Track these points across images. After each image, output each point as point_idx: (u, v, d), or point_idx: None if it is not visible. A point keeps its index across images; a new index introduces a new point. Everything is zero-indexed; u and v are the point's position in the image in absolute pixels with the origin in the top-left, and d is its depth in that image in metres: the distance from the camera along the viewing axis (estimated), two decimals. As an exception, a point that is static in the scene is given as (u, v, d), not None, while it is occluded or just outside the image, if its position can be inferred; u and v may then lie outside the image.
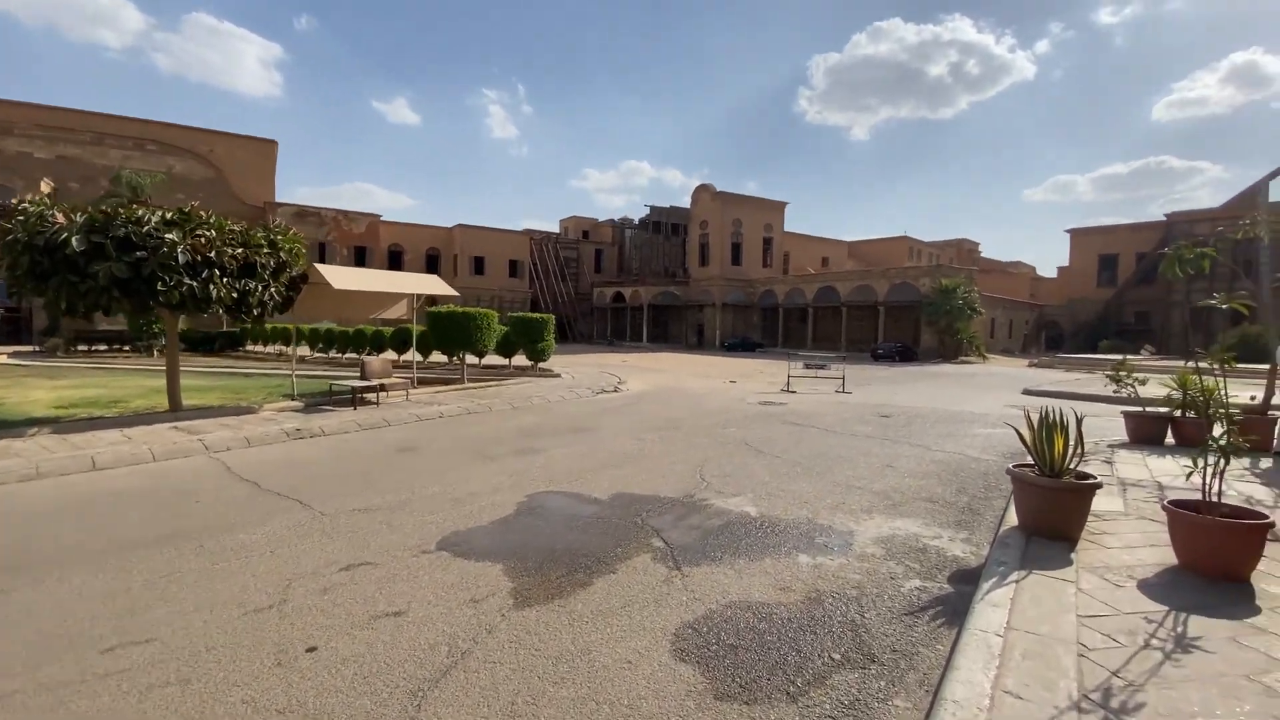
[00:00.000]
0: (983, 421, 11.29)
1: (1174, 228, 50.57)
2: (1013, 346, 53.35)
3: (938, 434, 9.61)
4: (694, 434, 9.10)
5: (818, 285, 46.46)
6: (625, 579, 3.84)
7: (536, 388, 13.86)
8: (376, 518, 5.03)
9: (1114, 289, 53.43)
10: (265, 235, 9.25)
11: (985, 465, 7.35)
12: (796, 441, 8.66)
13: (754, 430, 9.58)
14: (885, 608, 3.51)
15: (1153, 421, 8.31)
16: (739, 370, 26.05)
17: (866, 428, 10.10)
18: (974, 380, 23.14)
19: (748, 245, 53.41)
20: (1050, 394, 17.31)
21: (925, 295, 38.93)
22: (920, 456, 7.75)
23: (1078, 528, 4.26)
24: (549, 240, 61.32)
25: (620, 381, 16.43)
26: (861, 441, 8.75)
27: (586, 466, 6.85)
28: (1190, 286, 49.50)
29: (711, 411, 11.71)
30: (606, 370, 21.45)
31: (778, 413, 11.77)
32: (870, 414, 11.99)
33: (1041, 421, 4.48)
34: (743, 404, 13.20)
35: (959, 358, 37.67)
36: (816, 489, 6.08)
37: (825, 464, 7.22)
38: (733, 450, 7.93)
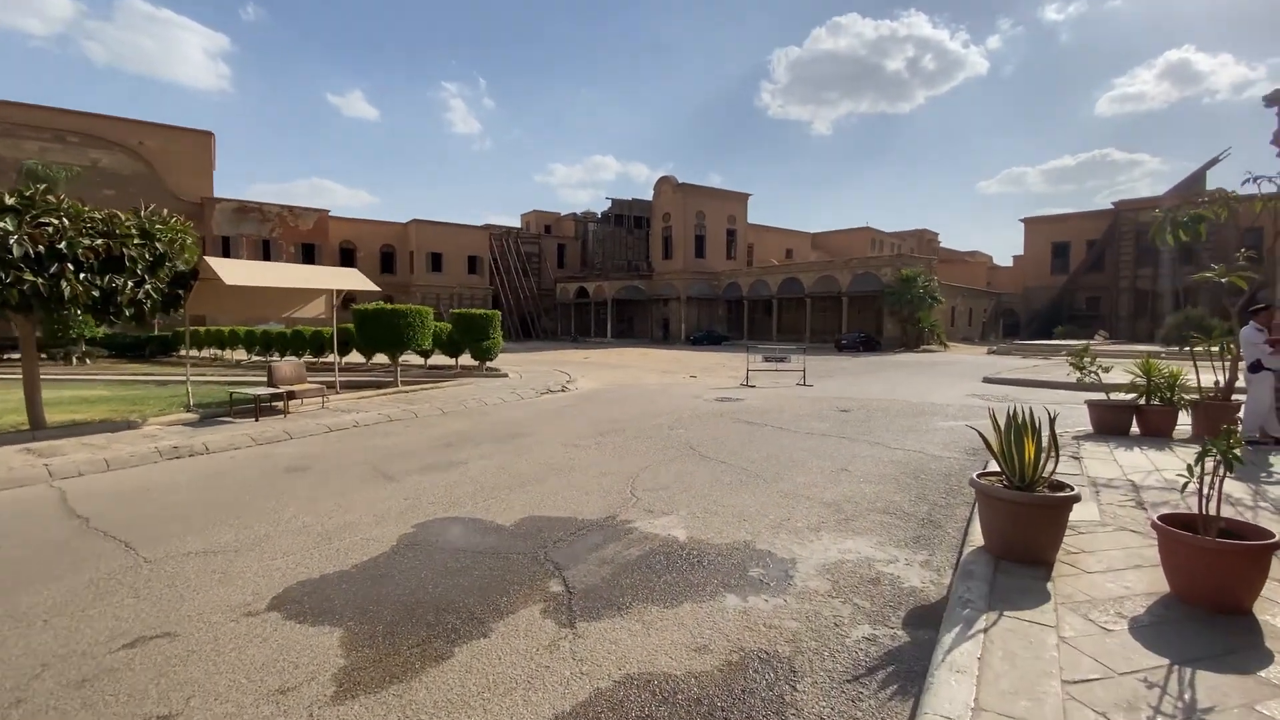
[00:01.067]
0: (944, 414, 10.78)
1: (1121, 216, 51.94)
2: (972, 334, 54.17)
3: (898, 429, 9.01)
4: (637, 438, 8.29)
5: (781, 277, 46.22)
6: (499, 645, 2.99)
7: (477, 389, 12.86)
8: (213, 563, 4.07)
9: (1066, 276, 54.67)
10: (137, 224, 8.05)
11: (947, 465, 6.73)
12: (747, 443, 7.92)
13: (704, 431, 8.82)
14: (824, 673, 2.74)
15: (1118, 411, 7.83)
16: (702, 364, 25.40)
17: (823, 424, 9.45)
18: (935, 369, 22.94)
19: (711, 237, 52.91)
20: (1010, 381, 17.09)
21: (887, 285, 38.98)
22: (878, 457, 7.09)
23: (1053, 549, 3.58)
24: (509, 235, 59.79)
25: (570, 380, 15.53)
26: (817, 441, 8.07)
27: (502, 483, 5.97)
28: (1137, 272, 51.02)
29: (662, 411, 10.93)
30: (560, 368, 20.51)
31: (733, 410, 11.06)
32: (829, 408, 11.38)
33: (1009, 423, 3.78)
34: (698, 401, 12.46)
35: (921, 346, 37.84)
36: (761, 501, 5.33)
37: (775, 469, 6.49)
38: (675, 456, 7.14)
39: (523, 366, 20.62)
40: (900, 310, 38.35)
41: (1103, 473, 5.76)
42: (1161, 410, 7.65)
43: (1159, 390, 7.76)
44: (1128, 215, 51.20)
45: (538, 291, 59.98)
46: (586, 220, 63.40)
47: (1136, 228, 50.69)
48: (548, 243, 63.16)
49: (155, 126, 46.22)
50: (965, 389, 15.60)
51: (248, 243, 47.20)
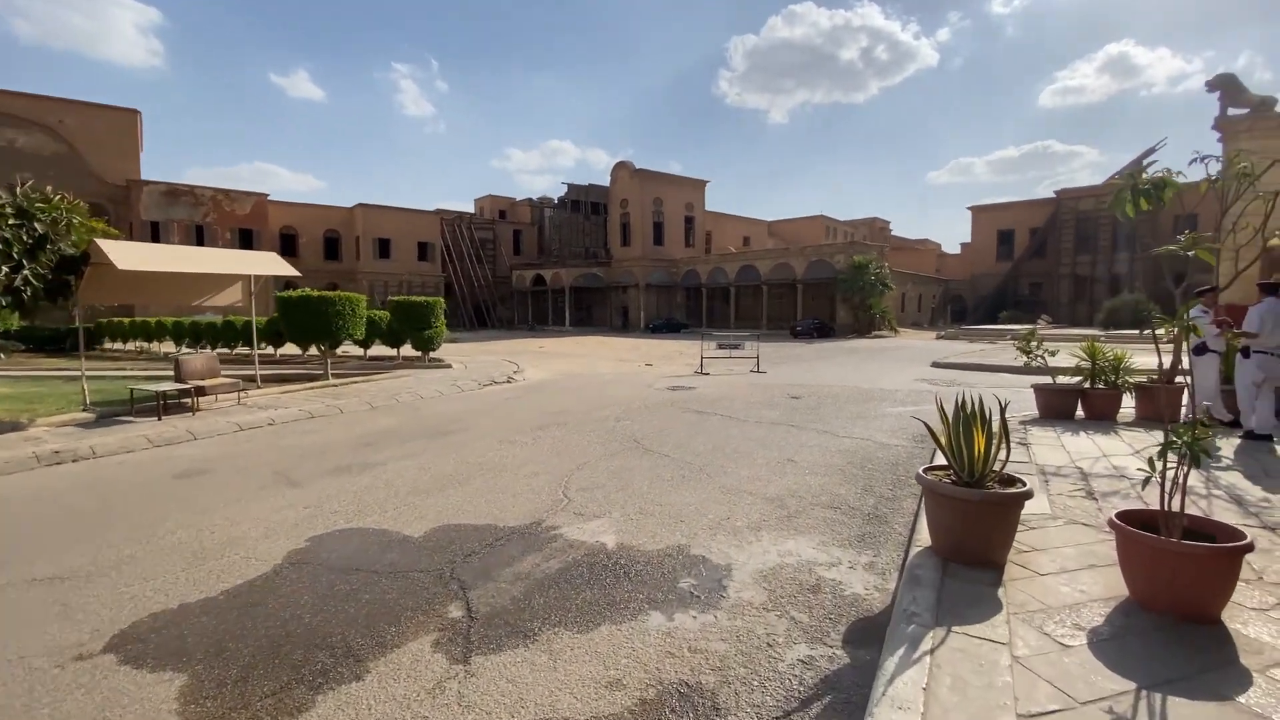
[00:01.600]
0: (893, 399, 10.69)
1: (1062, 204, 53.91)
2: (922, 319, 55.56)
3: (847, 416, 8.82)
4: (579, 431, 7.83)
5: (739, 264, 46.26)
6: (372, 690, 2.51)
7: (415, 382, 12.15)
8: (57, 592, 3.44)
9: (1011, 263, 56.54)
10: (11, 202, 7.09)
11: (894, 453, 6.52)
12: (693, 434, 7.57)
13: (650, 422, 8.43)
14: (752, 708, 2.37)
15: (1063, 395, 7.79)
16: (660, 352, 25.08)
17: (773, 413, 9.20)
18: (886, 354, 23.21)
19: (669, 224, 52.54)
20: (958, 366, 17.33)
21: (840, 272, 39.42)
22: (825, 446, 6.84)
23: (1003, 548, 3.31)
24: (462, 221, 58.03)
25: (518, 371, 14.92)
26: (765, 430, 7.78)
27: (421, 486, 5.43)
28: (1076, 259, 53.14)
29: (611, 401, 10.50)
30: (510, 358, 19.84)
31: (683, 399, 10.72)
32: (780, 396, 11.16)
33: (957, 413, 3.49)
34: (649, 391, 12.07)
35: (872, 332, 38.48)
36: (701, 498, 4.96)
37: (719, 462, 6.14)
38: (617, 450, 6.72)
39: (470, 357, 19.85)
40: (853, 297, 38.87)
41: (1051, 460, 5.61)
42: (1106, 394, 7.64)
43: (1103, 373, 7.75)
44: (1068, 204, 53.18)
45: (493, 279, 58.51)
46: (543, 206, 62.08)
47: (1077, 216, 52.75)
48: (503, 229, 61.61)
49: (76, 104, 42.78)
50: (914, 374, 15.70)
51: (179, 228, 44.38)
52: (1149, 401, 7.51)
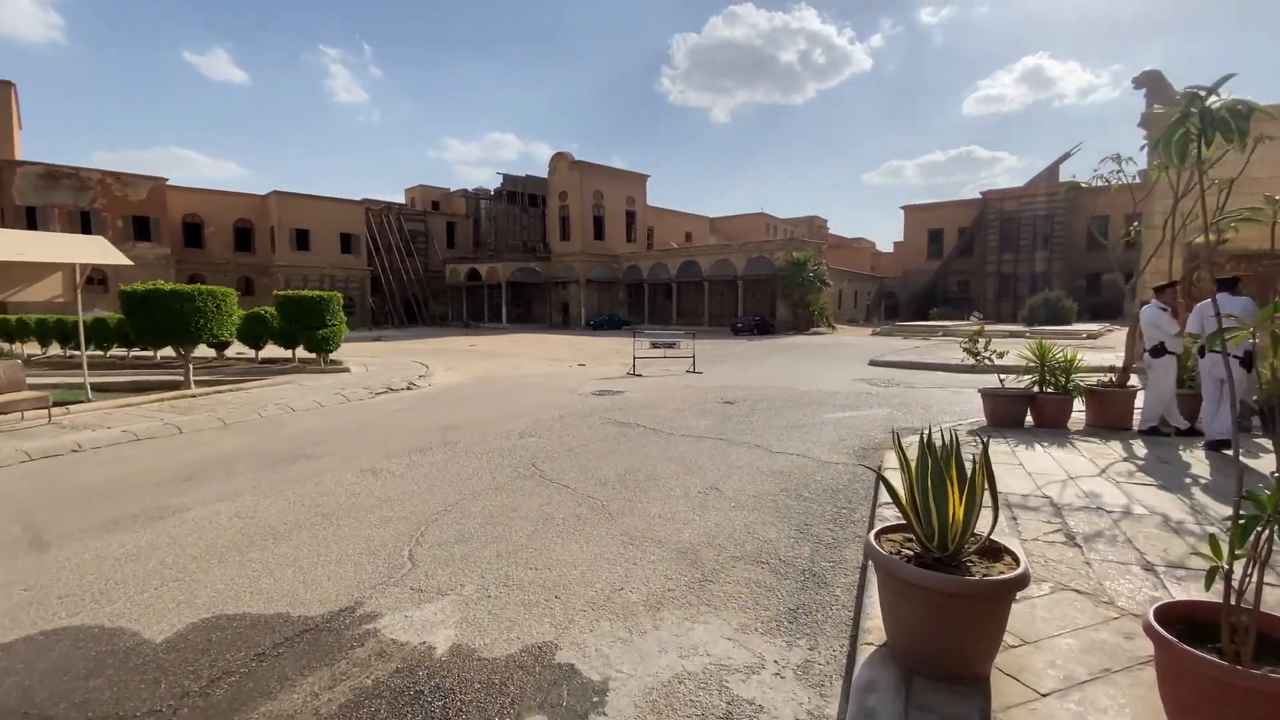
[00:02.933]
0: (832, 403, 9.90)
1: (988, 205, 56.00)
2: (858, 316, 56.63)
3: (783, 425, 7.91)
4: (468, 453, 6.55)
5: (681, 260, 45.58)
6: None
7: (294, 390, 10.49)
8: None
9: (941, 261, 58.41)
10: None
11: (834, 474, 5.58)
12: (607, 453, 6.43)
13: (560, 438, 7.24)
14: None
15: (1014, 401, 7.10)
16: (596, 351, 23.88)
17: (703, 422, 8.18)
18: (825, 351, 22.85)
19: (610, 218, 51.31)
20: (896, 364, 16.96)
21: (780, 269, 39.31)
22: (757, 466, 5.84)
23: (988, 656, 2.31)
24: (390, 212, 54.88)
25: (426, 374, 13.38)
26: (690, 446, 6.73)
27: (221, 545, 4.04)
28: (1001, 258, 55.36)
29: (522, 411, 9.22)
30: (426, 359, 18.17)
31: (607, 407, 9.57)
32: (713, 401, 10.19)
33: (921, 460, 2.47)
34: (571, 397, 10.86)
35: (811, 329, 38.57)
36: (594, 553, 3.82)
37: (628, 494, 5.02)
38: (507, 481, 5.50)
39: (380, 358, 18.07)
40: (792, 293, 38.84)
41: (1013, 485, 4.78)
42: (1057, 399, 7.00)
43: (1054, 375, 7.10)
44: (993, 205, 55.28)
45: (424, 273, 55.68)
46: (478, 197, 59.54)
47: (1001, 216, 54.91)
48: (436, 221, 58.73)
49: (-73, 71, 37.41)
50: (853, 373, 15.16)
51: (60, 214, 39.69)
52: (1101, 407, 6.92)
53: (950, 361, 16.91)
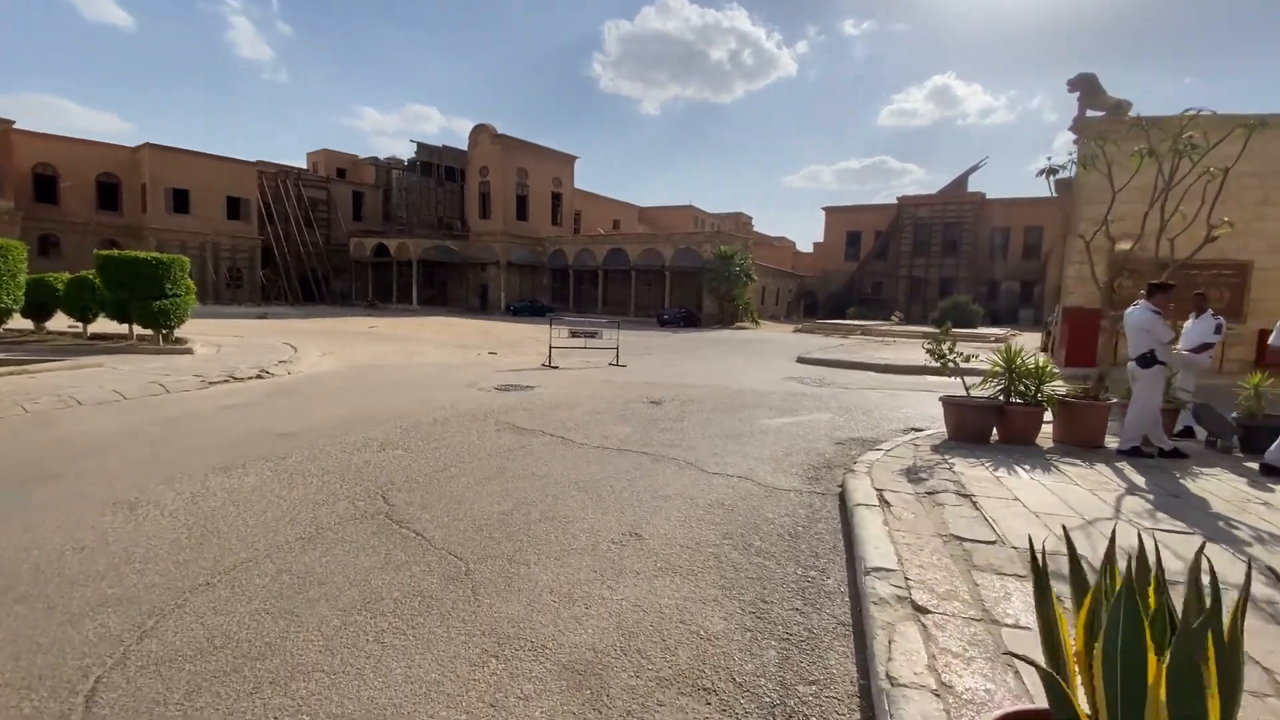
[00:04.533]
0: (767, 405, 8.77)
1: (903, 210, 58.18)
2: (779, 312, 57.38)
3: (718, 435, 6.61)
4: (294, 475, 4.76)
5: (608, 247, 43.97)
6: None
7: (96, 376, 8.09)
8: None
9: (857, 262, 60.23)
10: None
11: (788, 508, 4.30)
12: (493, 475, 4.85)
13: (435, 451, 5.56)
14: None
15: (981, 413, 6.14)
16: (513, 337, 21.94)
17: (625, 428, 6.75)
18: (751, 347, 22.11)
19: (535, 199, 48.77)
20: (824, 362, 16.30)
21: (707, 261, 38.64)
22: (690, 496, 4.46)
23: None
24: (287, 176, 49.59)
25: (290, 359, 11.11)
26: (606, 463, 5.27)
27: None
28: (913, 261, 57.72)
29: (399, 410, 7.42)
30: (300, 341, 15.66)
31: (510, 406, 7.93)
32: (638, 400, 8.79)
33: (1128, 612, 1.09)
34: (469, 393, 9.12)
35: (736, 323, 38.22)
36: (426, 684, 2.27)
37: (510, 548, 3.49)
38: (332, 523, 3.81)
39: (248, 338, 15.37)
40: (719, 287, 38.29)
41: (1014, 525, 3.66)
42: (1027, 411, 6.10)
43: (1025, 383, 6.20)
44: (908, 210, 57.49)
45: (326, 247, 50.83)
46: (390, 167, 55.04)
47: (915, 222, 57.19)
48: (340, 190, 53.78)
49: None
50: (782, 370, 14.28)
51: None
52: (1074, 422, 6.08)
53: (876, 361, 16.51)
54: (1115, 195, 6.50)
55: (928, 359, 6.92)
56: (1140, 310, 5.55)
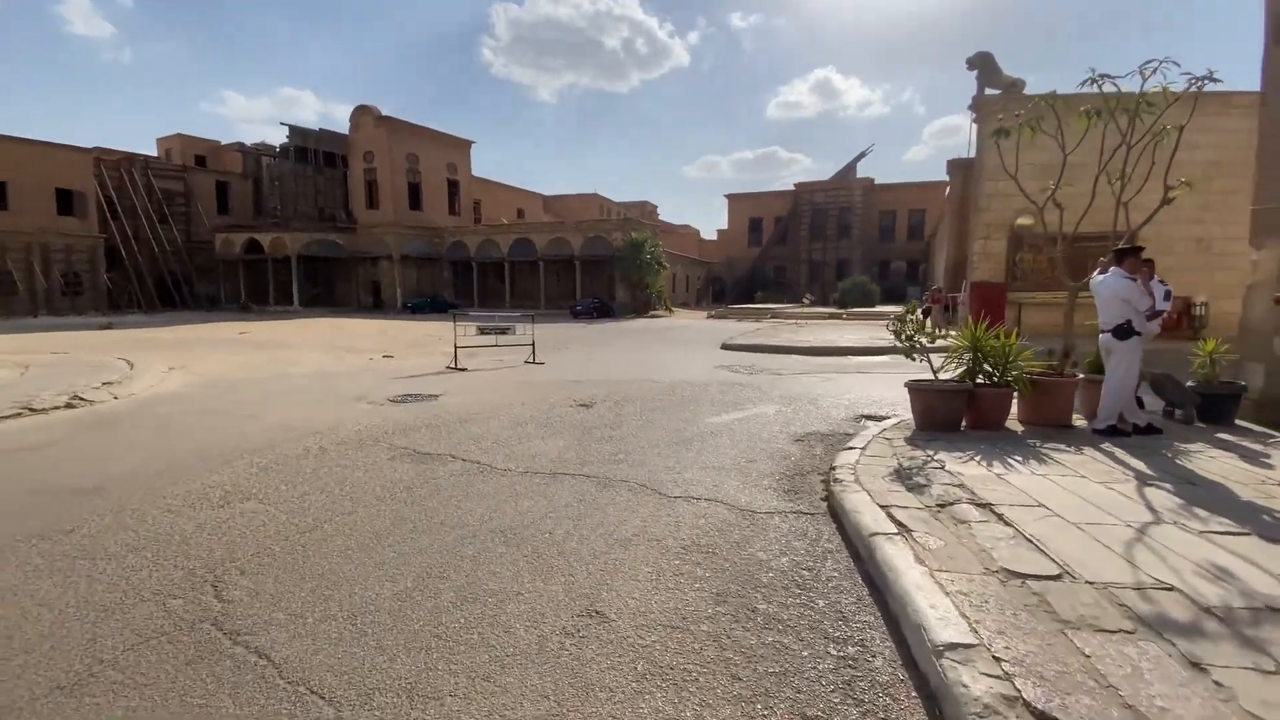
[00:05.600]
0: (708, 400, 7.93)
1: (800, 197, 60.20)
2: (689, 299, 57.69)
3: (666, 441, 5.64)
4: (83, 557, 3.26)
5: (513, 237, 41.83)
6: None
7: None
8: None
9: (760, 248, 61.74)
10: None
11: (781, 544, 3.39)
12: (385, 529, 3.58)
13: (301, 500, 4.17)
14: None
15: (951, 398, 5.57)
16: (412, 337, 19.89)
17: (555, 442, 5.61)
18: (671, 334, 21.45)
19: (429, 187, 45.51)
20: (749, 348, 15.85)
21: (618, 249, 37.70)
22: (656, 536, 3.44)
23: None
24: (133, 165, 43.09)
25: (122, 380, 8.91)
26: (540, 497, 4.13)
27: None
28: (811, 246, 59.92)
29: (258, 440, 5.83)
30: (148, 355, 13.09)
31: (407, 422, 6.52)
32: (564, 402, 7.65)
33: None
34: (358, 407, 7.58)
35: (650, 312, 37.65)
36: None
37: (409, 666, 2.30)
38: (118, 651, 2.44)
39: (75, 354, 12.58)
40: (631, 276, 37.51)
41: (1064, 544, 2.95)
42: (997, 393, 5.60)
43: (994, 362, 5.69)
44: (804, 197, 59.54)
45: (186, 245, 44.83)
46: (260, 153, 49.29)
47: (812, 208, 59.33)
48: (201, 180, 47.54)
49: None
50: (710, 358, 13.62)
51: None
52: (1044, 401, 5.65)
53: (798, 344, 16.33)
54: (1066, 161, 6.13)
55: (851, 340, 6.30)
56: (1114, 278, 5.15)
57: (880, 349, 15.08)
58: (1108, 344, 5.20)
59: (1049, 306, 14.64)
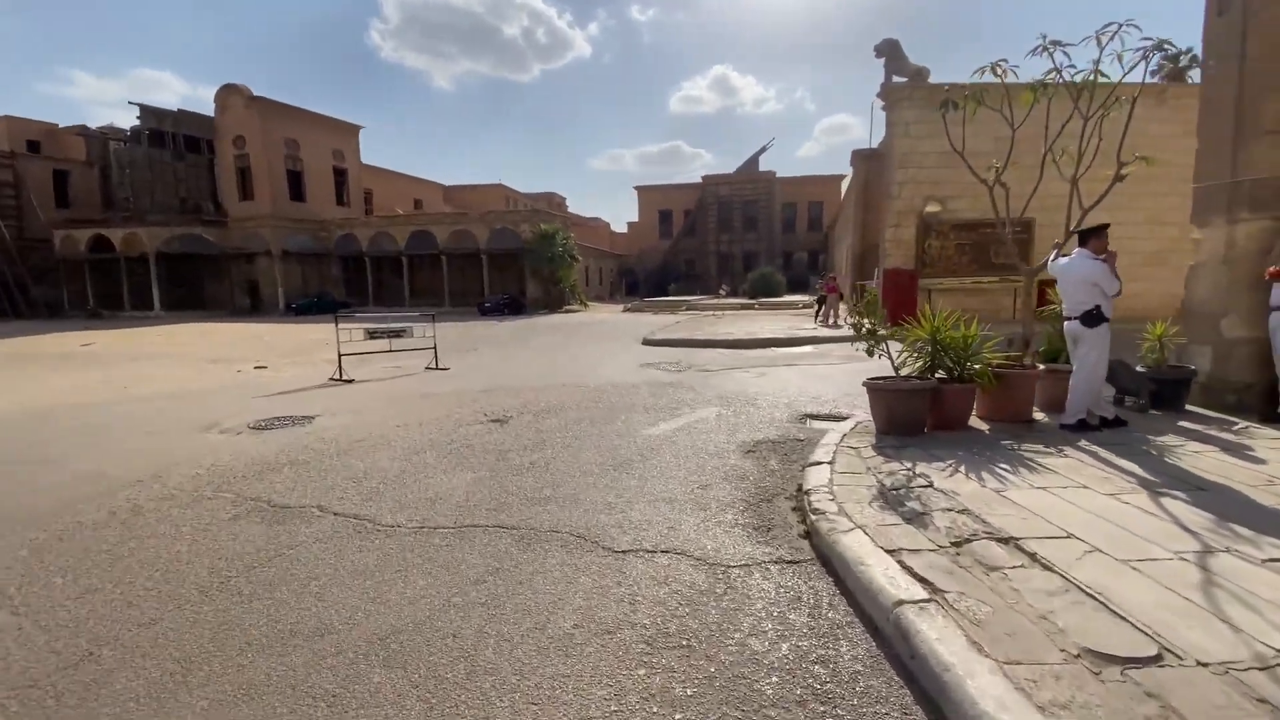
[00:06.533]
0: (642, 406, 7.06)
1: (707, 189, 60.81)
2: (603, 293, 56.84)
3: (600, 465, 4.69)
4: None
5: (410, 229, 38.89)
6: None
7: None
8: None
9: (671, 240, 61.89)
10: None
11: (771, 611, 2.56)
12: (201, 652, 2.37)
13: (76, 608, 2.85)
14: None
15: (915, 398, 5.00)
16: (295, 343, 17.61)
17: (462, 477, 4.49)
18: (587, 330, 20.43)
19: (313, 175, 41.43)
20: (672, 343, 15.17)
21: (527, 242, 36.00)
22: (606, 625, 2.49)
23: None
24: (-68, 146, 35.93)
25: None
26: (441, 571, 3.05)
27: None
28: (719, 237, 60.77)
29: (49, 503, 4.28)
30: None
31: (267, 459, 5.12)
32: (473, 418, 6.50)
33: None
34: (207, 438, 6.02)
35: (564, 307, 36.37)
36: None
37: None
38: None
39: None
40: (542, 269, 35.99)
41: (1131, 596, 2.32)
42: (960, 390, 5.10)
43: (954, 356, 5.18)
44: (711, 189, 60.18)
45: (19, 242, 38.17)
46: (107, 138, 42.81)
47: (718, 200, 60.10)
48: (36, 168, 40.57)
49: None
50: (633, 355, 12.79)
51: None
52: (1005, 397, 5.23)
53: (721, 336, 15.89)
54: (1014, 138, 5.74)
55: (771, 331, 5.68)
56: (1080, 259, 4.75)
57: (800, 339, 14.93)
58: (1075, 332, 4.81)
59: (957, 292, 15.01)
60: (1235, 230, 5.34)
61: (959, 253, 15.27)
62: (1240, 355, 5.33)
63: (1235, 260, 5.35)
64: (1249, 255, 5.26)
